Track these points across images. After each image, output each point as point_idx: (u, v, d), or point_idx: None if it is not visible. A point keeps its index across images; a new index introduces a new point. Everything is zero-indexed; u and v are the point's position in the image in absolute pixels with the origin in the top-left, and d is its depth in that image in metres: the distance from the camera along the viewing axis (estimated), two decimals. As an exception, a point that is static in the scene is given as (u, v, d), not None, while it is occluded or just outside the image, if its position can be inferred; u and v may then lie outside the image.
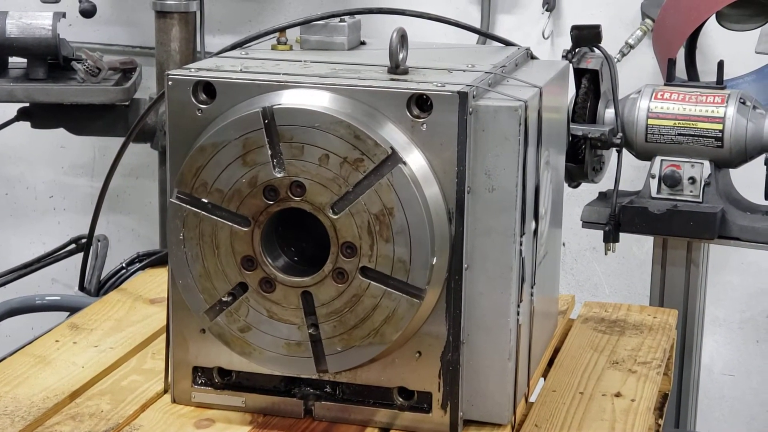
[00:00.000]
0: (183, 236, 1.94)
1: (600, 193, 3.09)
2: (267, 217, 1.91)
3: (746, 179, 3.20)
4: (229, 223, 1.92)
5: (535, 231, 2.05)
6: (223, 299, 1.95)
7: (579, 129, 2.86)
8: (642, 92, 2.99)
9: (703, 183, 2.94)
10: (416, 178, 1.86)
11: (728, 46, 3.71)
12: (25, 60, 3.57)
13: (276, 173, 1.88)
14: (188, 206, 1.92)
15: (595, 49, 2.95)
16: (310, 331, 1.94)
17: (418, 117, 1.88)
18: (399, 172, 1.85)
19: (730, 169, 3.01)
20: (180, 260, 1.95)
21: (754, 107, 2.94)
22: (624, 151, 2.94)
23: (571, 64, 2.84)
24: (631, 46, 3.76)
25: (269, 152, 1.88)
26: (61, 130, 3.74)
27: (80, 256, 2.77)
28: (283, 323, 1.94)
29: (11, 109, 3.70)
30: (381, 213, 1.87)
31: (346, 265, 1.90)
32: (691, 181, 2.95)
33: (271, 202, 1.90)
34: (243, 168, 1.89)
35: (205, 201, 1.92)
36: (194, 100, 1.95)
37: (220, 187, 1.91)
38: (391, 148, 1.85)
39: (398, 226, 1.87)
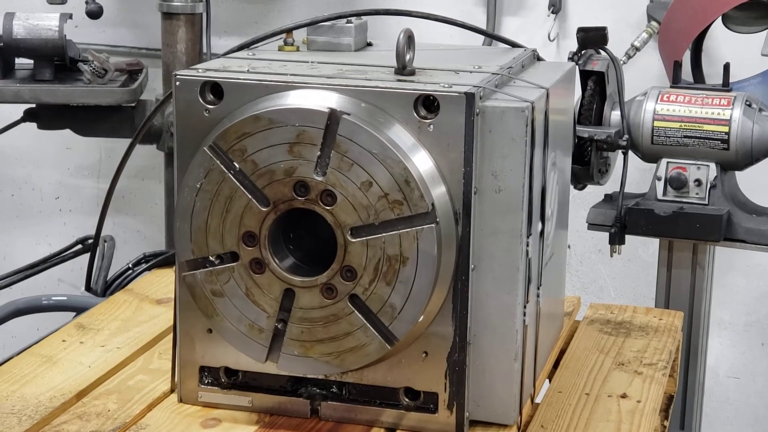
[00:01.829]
0: (200, 186, 1.92)
1: (606, 195, 3.09)
2: (287, 208, 1.90)
3: (752, 182, 3.21)
4: (250, 196, 1.91)
5: (542, 232, 2.05)
6: (211, 258, 1.95)
7: (585, 131, 2.86)
8: (648, 94, 3.00)
9: (708, 185, 2.94)
10: (441, 242, 1.87)
11: (734, 49, 3.71)
12: (31, 61, 3.58)
13: (315, 175, 1.88)
14: (218, 162, 1.91)
15: (601, 51, 2.96)
16: (278, 325, 1.94)
17: (425, 118, 1.88)
18: (429, 231, 1.86)
19: (736, 172, 3.02)
20: (186, 205, 1.94)
21: (760, 110, 2.94)
22: (630, 153, 2.94)
23: (577, 66, 2.84)
24: (637, 49, 3.76)
25: (318, 153, 1.87)
26: (67, 131, 3.75)
27: (86, 257, 2.77)
28: (255, 306, 1.94)
29: (17, 110, 3.71)
30: (395, 258, 1.88)
31: (339, 285, 1.91)
32: (696, 183, 2.95)
33: (299, 198, 1.89)
34: (286, 155, 1.88)
35: (237, 165, 1.90)
36: (201, 101, 1.95)
37: (257, 160, 1.89)
38: (432, 204, 1.86)
39: (405, 276, 1.88)
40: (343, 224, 1.88)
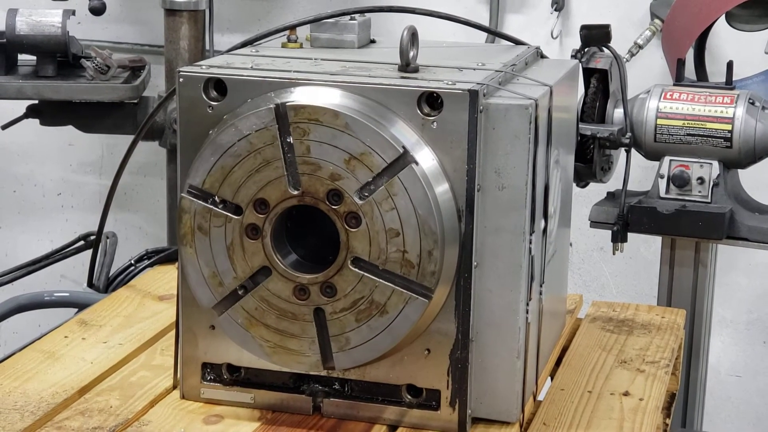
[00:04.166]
0: (248, 135, 1.89)
1: (608, 193, 3.09)
2: (312, 204, 1.89)
3: (755, 180, 3.20)
4: (286, 173, 1.89)
5: (545, 229, 2.05)
6: (216, 199, 1.93)
7: (588, 128, 2.86)
8: (651, 92, 2.99)
9: (711, 183, 2.94)
10: (424, 315, 1.89)
11: (737, 47, 3.71)
12: (34, 57, 3.57)
13: (355, 196, 1.87)
14: (277, 126, 1.88)
15: (605, 48, 2.96)
16: (239, 290, 1.95)
17: (429, 115, 1.88)
18: (420, 303, 1.88)
19: (739, 170, 3.01)
20: (225, 142, 1.90)
21: (763, 108, 2.94)
22: (632, 151, 2.94)
23: (580, 64, 2.84)
24: (640, 46, 3.76)
25: (369, 180, 1.86)
26: (70, 128, 3.75)
27: (88, 253, 2.77)
28: (229, 261, 1.94)
29: (20, 107, 3.71)
30: (377, 305, 1.90)
31: (314, 294, 1.92)
32: (699, 181, 2.95)
33: (328, 203, 1.88)
34: (342, 162, 1.86)
35: (291, 140, 1.88)
36: (205, 97, 1.95)
37: (312, 147, 1.87)
38: (437, 283, 1.87)
39: (375, 324, 1.90)
40: (350, 248, 1.88)
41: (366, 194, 1.87)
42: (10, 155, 4.51)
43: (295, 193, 1.89)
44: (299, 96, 1.90)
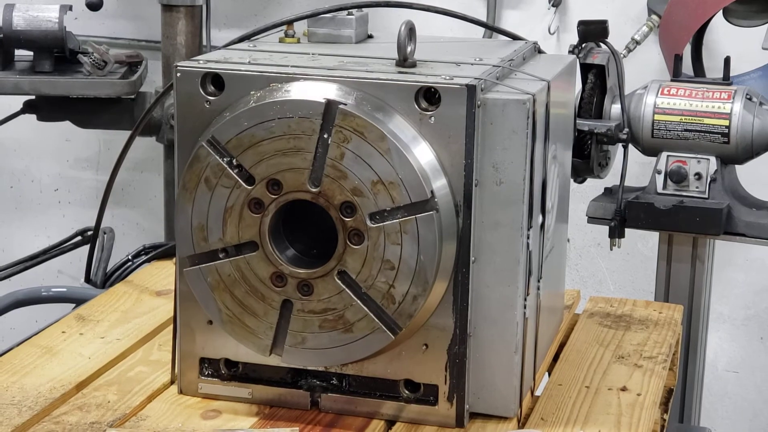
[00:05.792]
0: (286, 117, 1.87)
1: (605, 188, 3.09)
2: (324, 206, 1.88)
3: (752, 175, 3.21)
4: (310, 170, 1.88)
5: (542, 225, 2.05)
6: (233, 162, 1.91)
7: (585, 124, 2.86)
8: (648, 88, 3.00)
9: (709, 179, 2.94)
10: (383, 348, 1.92)
11: (734, 43, 3.71)
12: (31, 53, 3.57)
13: (367, 218, 1.87)
14: (320, 121, 1.86)
15: (602, 44, 2.96)
16: (220, 253, 1.95)
17: (426, 110, 1.88)
18: (385, 335, 1.91)
19: (736, 165, 3.02)
20: (259, 114, 1.88)
21: (761, 103, 2.94)
22: (630, 146, 2.94)
23: (577, 59, 2.84)
24: (638, 42, 3.76)
25: (385, 209, 1.86)
26: (67, 123, 3.75)
27: (85, 248, 2.77)
28: (221, 223, 1.93)
29: (17, 102, 3.71)
30: (344, 321, 1.91)
31: (290, 286, 1.92)
32: (697, 176, 2.95)
33: (340, 215, 1.88)
34: (368, 181, 1.85)
35: (328, 140, 1.86)
36: (202, 92, 1.95)
37: (346, 157, 1.86)
38: (406, 323, 1.88)
39: (336, 337, 1.92)
40: (342, 261, 1.89)
41: (379, 219, 1.87)
42: (6, 151, 4.51)
43: (313, 190, 1.89)
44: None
